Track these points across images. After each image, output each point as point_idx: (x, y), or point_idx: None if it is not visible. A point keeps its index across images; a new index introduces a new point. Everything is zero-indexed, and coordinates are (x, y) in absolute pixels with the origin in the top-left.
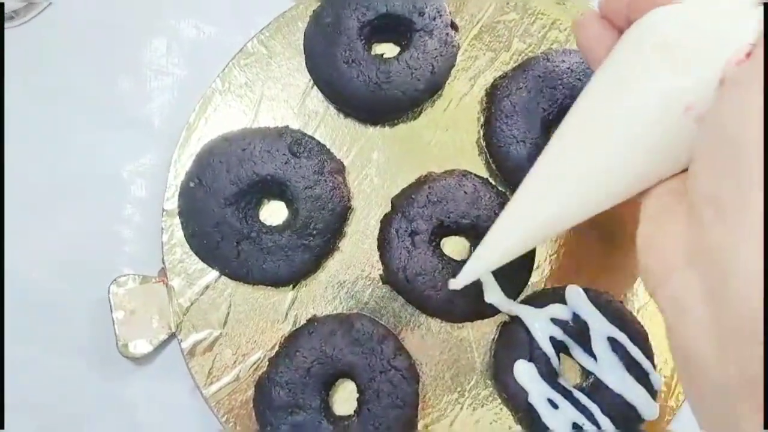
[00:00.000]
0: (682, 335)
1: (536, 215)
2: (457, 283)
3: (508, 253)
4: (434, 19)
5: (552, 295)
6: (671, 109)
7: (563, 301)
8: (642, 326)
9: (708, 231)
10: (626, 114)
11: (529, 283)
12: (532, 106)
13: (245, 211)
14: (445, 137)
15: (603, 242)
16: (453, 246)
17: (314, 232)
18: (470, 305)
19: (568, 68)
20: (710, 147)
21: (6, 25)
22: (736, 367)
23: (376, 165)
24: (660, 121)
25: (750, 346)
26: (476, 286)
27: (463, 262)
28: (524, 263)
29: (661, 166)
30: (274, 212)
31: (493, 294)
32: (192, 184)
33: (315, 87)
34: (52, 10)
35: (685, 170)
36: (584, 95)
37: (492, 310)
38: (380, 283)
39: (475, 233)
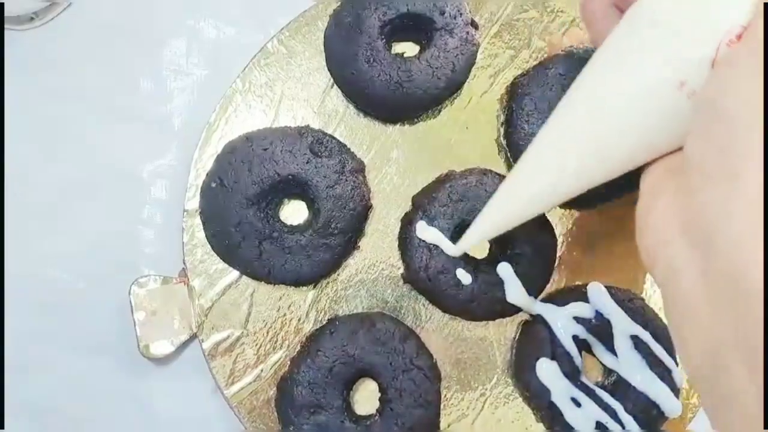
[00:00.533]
0: (676, 302)
1: (538, 182)
2: (459, 248)
3: (509, 219)
4: (455, 17)
5: (574, 293)
6: (665, 84)
7: (585, 300)
8: (664, 323)
9: (695, 196)
10: (623, 89)
11: (551, 280)
12: (553, 105)
13: (266, 211)
14: (465, 136)
15: (625, 240)
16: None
17: (335, 231)
18: (492, 304)
19: None
20: (702, 121)
21: (26, 26)
22: (729, 326)
23: (396, 164)
24: (655, 96)
25: (740, 303)
26: (498, 285)
27: (485, 260)
28: (545, 261)
29: (658, 141)
30: (294, 212)
31: (515, 293)
32: (213, 185)
33: (335, 86)
34: (72, 11)
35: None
36: (585, 70)
37: (513, 309)
38: (401, 282)
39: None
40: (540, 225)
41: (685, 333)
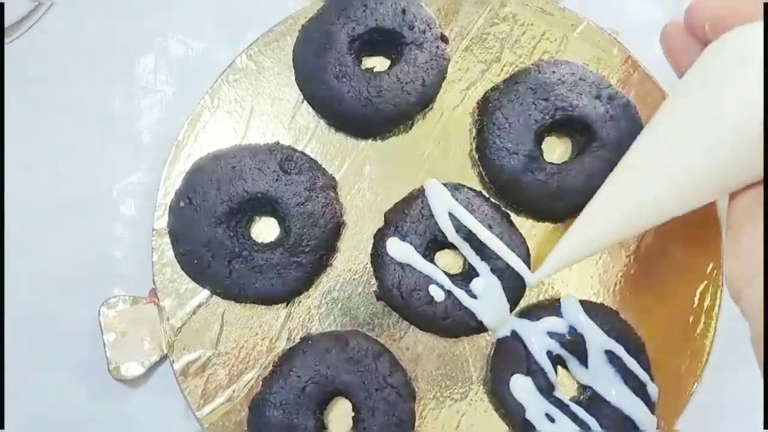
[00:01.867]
0: (758, 342)
1: (621, 209)
2: (537, 276)
3: (589, 248)
4: (424, 32)
5: (548, 307)
6: (750, 118)
7: (559, 314)
8: (638, 336)
9: None
10: (708, 120)
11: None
12: (525, 118)
13: (236, 230)
14: (438, 150)
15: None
16: (447, 259)
17: (307, 249)
18: (466, 320)
19: (560, 79)
20: None
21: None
22: None
23: (368, 179)
24: (739, 129)
25: None
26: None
27: (458, 275)
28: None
29: (742, 172)
30: (265, 229)
31: (489, 310)
32: (182, 204)
33: (305, 102)
34: (40, 28)
35: None
36: (670, 100)
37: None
38: (375, 299)
39: (468, 246)
40: (515, 238)
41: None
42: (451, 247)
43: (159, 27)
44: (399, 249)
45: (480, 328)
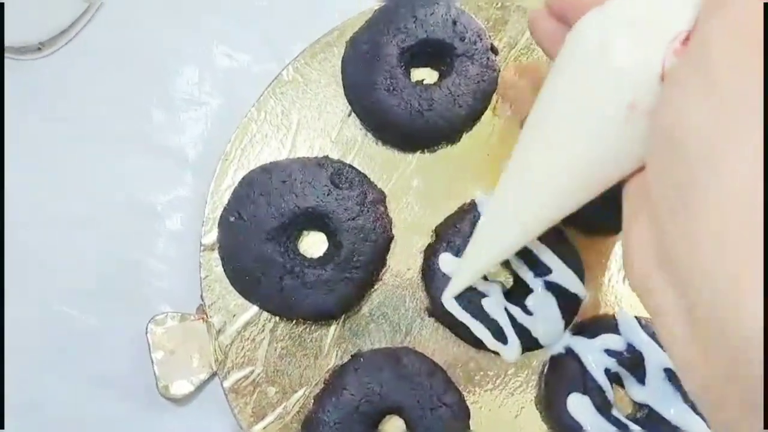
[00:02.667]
0: (664, 337)
1: (513, 220)
2: (446, 297)
3: (490, 262)
4: (474, 43)
5: (604, 324)
6: (615, 107)
7: (616, 331)
8: None
9: (663, 228)
10: (572, 117)
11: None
12: None
13: (286, 245)
14: (487, 163)
15: None
16: (498, 274)
17: (358, 264)
18: (521, 337)
19: None
20: (657, 151)
21: (33, 56)
22: (720, 368)
23: (416, 193)
24: (608, 119)
25: (724, 345)
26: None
27: (512, 290)
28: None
29: (623, 162)
30: (313, 244)
31: (545, 326)
32: (231, 218)
33: (352, 114)
34: (80, 40)
35: None
36: (541, 93)
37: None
38: (426, 315)
39: (522, 261)
40: (568, 253)
41: (679, 366)
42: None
43: (202, 38)
44: (453, 265)
45: (535, 345)
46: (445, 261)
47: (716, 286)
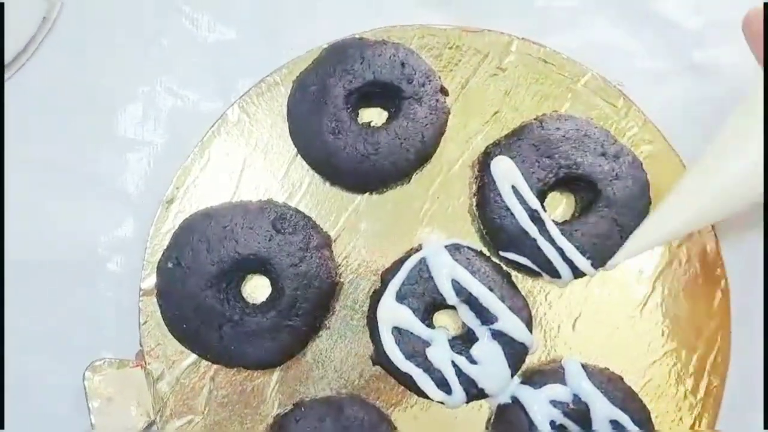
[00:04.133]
0: None
1: (695, 203)
2: (612, 264)
3: (663, 236)
4: (423, 85)
5: (550, 373)
6: None
7: (563, 381)
8: (643, 404)
9: None
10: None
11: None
12: (528, 176)
13: (227, 291)
14: (436, 205)
15: (605, 314)
16: (444, 320)
17: (300, 312)
18: (467, 387)
19: (563, 136)
20: None
21: None
22: None
23: (364, 236)
24: None
25: None
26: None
27: (458, 338)
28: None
29: None
30: (257, 287)
31: (492, 377)
32: (170, 264)
33: (299, 155)
34: (24, 73)
35: None
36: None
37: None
38: (371, 362)
39: (468, 308)
40: (516, 299)
41: None
42: (449, 307)
43: (146, 74)
44: (396, 312)
45: (480, 394)
46: (389, 308)
47: None
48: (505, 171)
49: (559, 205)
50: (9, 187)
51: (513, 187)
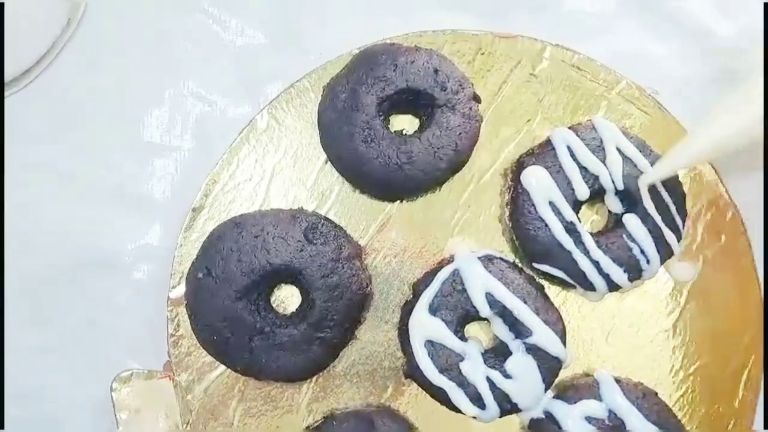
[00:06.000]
0: None
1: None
2: (647, 180)
3: (696, 156)
4: (456, 92)
5: (585, 387)
6: None
7: (597, 396)
8: (677, 419)
9: None
10: None
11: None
12: (563, 187)
13: (257, 302)
14: (467, 213)
15: (641, 328)
16: (476, 331)
17: (331, 323)
18: (500, 402)
19: (599, 146)
20: None
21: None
22: None
23: (394, 245)
24: None
25: None
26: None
27: (490, 352)
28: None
29: None
30: (286, 297)
31: (527, 391)
32: (200, 275)
33: (329, 162)
34: (45, 79)
35: None
36: None
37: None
38: (401, 374)
39: (502, 321)
40: (550, 313)
41: None
42: (482, 319)
43: (172, 79)
44: (429, 325)
45: (513, 409)
46: (422, 320)
47: None
48: (540, 182)
49: (592, 215)
50: (34, 193)
51: (547, 198)
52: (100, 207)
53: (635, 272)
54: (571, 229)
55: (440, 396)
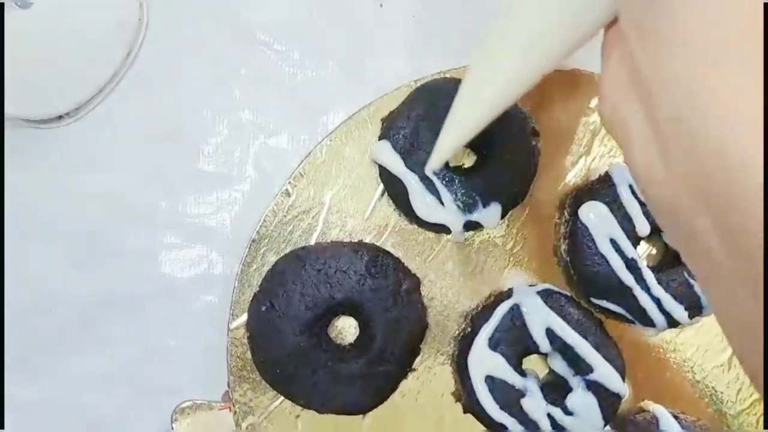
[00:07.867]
0: (633, 161)
1: (495, 79)
2: (432, 165)
3: (477, 123)
4: (516, 127)
5: (644, 424)
6: None
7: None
8: None
9: (635, 55)
10: None
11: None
12: (623, 223)
13: (318, 336)
14: (522, 244)
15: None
16: (533, 363)
17: (391, 358)
18: None
19: None
20: None
21: (54, 124)
22: (681, 176)
23: (450, 277)
24: None
25: (685, 148)
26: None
27: (549, 386)
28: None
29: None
30: (344, 328)
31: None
32: (263, 308)
33: (386, 194)
34: (107, 106)
35: None
36: None
37: None
38: (458, 406)
39: (561, 357)
40: (610, 349)
41: (647, 190)
42: (539, 353)
43: (231, 110)
44: (489, 361)
45: None
46: (482, 355)
47: (685, 87)
48: (600, 218)
49: (652, 250)
50: (93, 223)
51: (608, 234)
52: (158, 237)
53: (695, 309)
54: (632, 265)
55: (499, 431)
